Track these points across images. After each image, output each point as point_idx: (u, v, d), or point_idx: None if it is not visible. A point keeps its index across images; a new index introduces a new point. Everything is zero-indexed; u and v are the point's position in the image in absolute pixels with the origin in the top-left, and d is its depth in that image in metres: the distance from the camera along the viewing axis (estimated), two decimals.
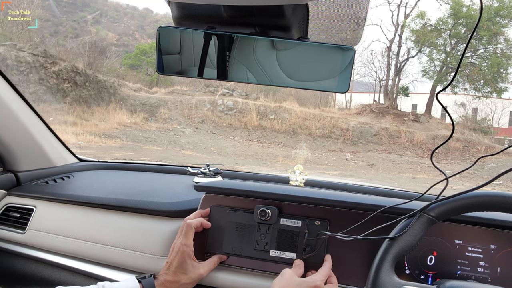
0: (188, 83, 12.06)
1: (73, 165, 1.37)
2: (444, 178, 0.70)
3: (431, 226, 0.70)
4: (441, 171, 0.71)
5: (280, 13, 0.46)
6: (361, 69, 13.24)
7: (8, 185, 1.18)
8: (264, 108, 10.51)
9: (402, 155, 8.92)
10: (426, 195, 0.83)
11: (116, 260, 0.93)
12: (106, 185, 1.22)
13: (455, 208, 0.69)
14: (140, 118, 9.84)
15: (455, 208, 0.69)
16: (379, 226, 0.74)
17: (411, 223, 0.69)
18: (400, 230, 0.70)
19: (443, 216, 0.69)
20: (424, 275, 0.80)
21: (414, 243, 0.68)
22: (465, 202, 0.68)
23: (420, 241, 0.69)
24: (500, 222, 0.79)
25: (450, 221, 0.80)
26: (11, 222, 1.11)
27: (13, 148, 1.17)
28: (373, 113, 11.06)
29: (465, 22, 11.27)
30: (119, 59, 14.32)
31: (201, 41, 0.51)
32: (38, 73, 9.09)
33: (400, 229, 0.70)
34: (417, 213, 0.70)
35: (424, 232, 0.69)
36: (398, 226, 0.71)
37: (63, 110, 9.14)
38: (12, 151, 1.18)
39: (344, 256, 0.80)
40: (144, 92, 11.40)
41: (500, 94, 10.98)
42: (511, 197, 0.66)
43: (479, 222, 0.80)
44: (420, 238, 0.69)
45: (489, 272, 0.78)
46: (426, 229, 0.69)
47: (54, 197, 1.10)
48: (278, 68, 0.51)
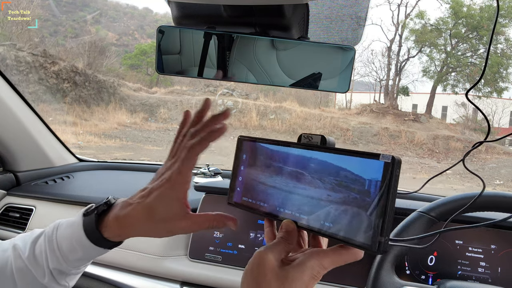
0: (188, 83, 12.06)
1: (72, 165, 1.37)
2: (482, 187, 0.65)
3: (432, 226, 0.70)
4: (478, 176, 0.66)
5: (280, 13, 0.46)
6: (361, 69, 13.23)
7: (8, 185, 1.18)
8: (264, 108, 10.51)
9: (402, 155, 8.91)
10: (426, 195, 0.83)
11: (116, 260, 0.92)
12: (106, 185, 1.22)
13: (455, 208, 0.69)
14: (140, 118, 9.84)
15: (455, 208, 0.69)
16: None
17: (411, 222, 0.69)
18: (400, 230, 0.70)
19: (443, 216, 0.69)
20: (424, 275, 0.80)
21: (414, 243, 0.68)
22: (466, 202, 0.68)
23: (420, 241, 0.69)
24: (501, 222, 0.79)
25: (451, 221, 0.79)
26: (10, 222, 1.11)
27: (12, 148, 1.17)
28: (374, 113, 11.06)
29: (465, 22, 11.26)
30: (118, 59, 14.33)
31: (201, 41, 0.50)
32: (37, 73, 9.09)
33: (400, 229, 0.70)
34: (417, 213, 0.70)
35: (424, 232, 0.69)
36: (399, 226, 0.71)
37: (62, 110, 9.14)
38: (11, 151, 1.18)
39: None
40: (144, 92, 11.39)
41: (501, 94, 10.99)
42: (511, 197, 0.66)
43: (479, 222, 0.80)
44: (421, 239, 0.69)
45: (489, 272, 0.78)
46: (426, 229, 0.69)
47: (53, 197, 1.10)
48: (278, 68, 0.51)
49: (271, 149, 0.45)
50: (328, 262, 0.38)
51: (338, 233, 0.37)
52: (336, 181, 0.38)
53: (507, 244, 0.78)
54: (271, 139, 0.46)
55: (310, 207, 0.40)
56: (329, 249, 0.39)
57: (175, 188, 0.44)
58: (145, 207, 0.45)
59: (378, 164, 0.35)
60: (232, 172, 0.48)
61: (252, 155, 0.47)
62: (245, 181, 0.47)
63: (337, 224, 0.37)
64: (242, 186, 0.47)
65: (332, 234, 0.37)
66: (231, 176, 0.48)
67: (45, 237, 0.49)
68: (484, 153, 8.49)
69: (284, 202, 0.42)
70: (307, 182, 0.40)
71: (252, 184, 0.46)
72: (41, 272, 0.47)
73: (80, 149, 6.75)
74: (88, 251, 0.47)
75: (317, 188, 0.39)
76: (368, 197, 0.35)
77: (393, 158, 0.35)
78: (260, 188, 0.45)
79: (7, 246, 0.50)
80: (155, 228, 0.45)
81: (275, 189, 0.43)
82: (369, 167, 0.36)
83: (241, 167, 0.47)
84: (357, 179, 0.36)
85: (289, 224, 0.41)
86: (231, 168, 0.49)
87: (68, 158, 1.38)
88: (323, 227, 0.38)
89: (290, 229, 0.41)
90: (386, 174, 0.34)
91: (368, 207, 0.35)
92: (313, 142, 0.44)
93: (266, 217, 0.45)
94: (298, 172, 0.42)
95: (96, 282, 0.92)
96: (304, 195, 0.41)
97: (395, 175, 0.35)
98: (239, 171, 0.48)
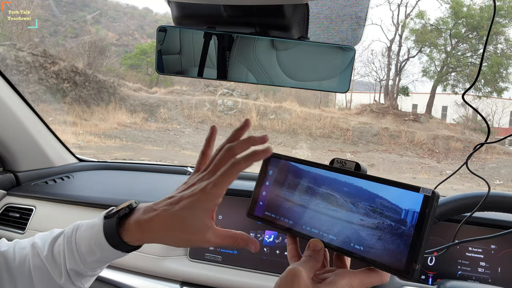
0: (188, 83, 12.06)
1: (72, 165, 1.37)
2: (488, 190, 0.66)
3: (432, 226, 0.70)
4: (483, 179, 0.68)
5: (280, 13, 0.46)
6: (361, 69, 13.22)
7: (8, 185, 1.18)
8: (264, 108, 10.50)
9: (402, 155, 8.91)
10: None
11: (116, 260, 0.92)
12: (106, 185, 1.22)
13: (455, 208, 0.69)
14: (139, 118, 9.84)
15: (455, 208, 0.69)
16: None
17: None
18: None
19: (443, 216, 0.69)
20: (424, 275, 0.80)
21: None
22: (466, 202, 0.68)
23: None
24: (501, 222, 0.79)
25: (451, 221, 0.79)
26: (10, 222, 1.11)
27: (12, 148, 1.17)
28: (374, 113, 11.06)
29: (465, 22, 11.26)
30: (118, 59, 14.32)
31: (201, 41, 0.50)
32: (37, 73, 9.09)
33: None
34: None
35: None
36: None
37: (62, 110, 9.13)
38: (11, 151, 1.17)
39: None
40: (144, 92, 11.39)
41: (501, 94, 10.99)
42: (511, 197, 0.66)
43: (479, 222, 0.80)
44: None
45: (489, 272, 0.78)
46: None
47: (53, 197, 1.10)
48: (278, 68, 0.51)
49: (301, 168, 0.46)
50: (357, 283, 0.39)
51: (369, 257, 0.38)
52: (370, 207, 0.40)
53: (507, 244, 0.78)
54: (302, 159, 0.46)
55: (340, 228, 0.41)
56: (359, 271, 0.40)
57: (207, 200, 0.43)
58: (171, 215, 0.43)
59: (418, 197, 0.37)
60: (256, 185, 0.49)
61: (280, 172, 0.47)
62: (270, 196, 0.47)
63: (369, 247, 0.39)
64: (266, 201, 0.47)
65: (364, 257, 0.39)
66: (254, 189, 0.49)
67: (64, 237, 0.49)
68: (484, 153, 8.49)
69: (312, 221, 0.43)
70: (339, 205, 0.42)
71: (277, 200, 0.46)
72: (58, 272, 0.48)
73: (80, 149, 6.75)
74: (106, 254, 0.47)
75: (349, 212, 0.41)
76: (404, 226, 0.37)
77: (433, 193, 0.37)
78: (286, 205, 0.46)
79: (25, 244, 0.50)
80: (176, 237, 0.44)
81: (302, 208, 0.44)
82: (407, 198, 0.38)
83: (266, 182, 0.48)
84: (393, 208, 0.38)
85: (317, 243, 0.42)
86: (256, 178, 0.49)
87: (68, 158, 1.38)
88: (353, 249, 0.40)
89: (318, 248, 0.42)
90: (425, 207, 0.36)
91: (403, 235, 0.37)
92: (347, 167, 0.44)
93: (290, 233, 0.46)
94: (329, 194, 0.43)
95: (96, 282, 0.91)
96: (334, 217, 0.42)
97: (434, 208, 0.36)
98: (263, 185, 0.48)
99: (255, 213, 0.48)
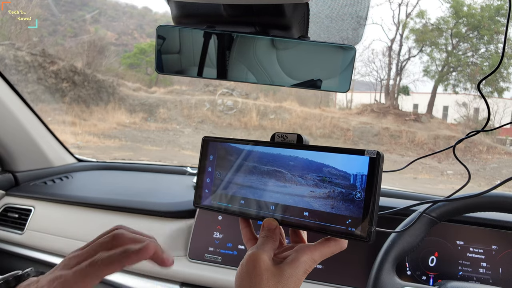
0: (188, 82, 12.05)
1: (71, 165, 1.37)
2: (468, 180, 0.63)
3: (433, 227, 0.69)
4: (465, 166, 0.64)
5: (280, 12, 0.46)
6: (362, 69, 13.20)
7: (7, 185, 1.18)
8: (264, 107, 10.50)
9: (403, 155, 8.91)
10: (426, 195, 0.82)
11: None
12: (105, 185, 1.21)
13: (456, 209, 0.69)
14: (139, 118, 9.83)
15: (456, 208, 0.69)
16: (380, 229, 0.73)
17: (412, 221, 0.69)
18: (401, 228, 0.69)
19: (444, 216, 0.69)
20: (425, 276, 0.79)
21: (415, 244, 0.68)
22: (466, 203, 0.68)
23: (421, 242, 0.69)
24: (502, 222, 0.79)
25: (452, 222, 0.79)
26: (9, 222, 1.11)
27: (11, 148, 1.17)
28: (374, 113, 11.06)
29: (466, 21, 11.26)
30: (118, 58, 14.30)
31: (200, 40, 0.50)
32: (36, 72, 9.08)
33: (401, 227, 0.70)
34: (418, 213, 0.70)
35: (425, 233, 0.69)
36: (399, 226, 0.71)
37: (61, 110, 9.13)
38: (10, 151, 1.17)
39: (345, 256, 0.79)
40: (143, 92, 11.38)
41: (502, 93, 10.98)
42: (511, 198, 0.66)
43: (480, 222, 0.79)
44: (421, 239, 0.69)
45: (490, 273, 0.77)
46: (427, 230, 0.69)
47: (52, 198, 1.10)
48: (278, 68, 0.50)
49: (242, 149, 0.44)
50: (318, 255, 0.39)
51: (326, 227, 0.38)
52: (318, 177, 0.39)
53: (508, 244, 0.78)
54: (242, 139, 0.45)
55: (291, 203, 0.40)
56: (317, 243, 0.40)
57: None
58: None
59: (364, 160, 0.37)
60: (197, 174, 0.47)
61: (221, 155, 0.46)
62: (215, 182, 0.46)
63: (323, 218, 0.38)
64: (211, 188, 0.46)
65: (320, 228, 0.39)
66: (196, 177, 0.47)
67: None
68: (485, 153, 8.49)
69: (262, 200, 0.42)
70: (287, 180, 0.41)
71: (222, 185, 0.45)
72: None
73: (79, 149, 6.74)
74: None
75: (298, 185, 0.40)
76: (355, 191, 0.37)
77: (378, 153, 0.37)
78: (233, 188, 0.44)
79: None
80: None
81: (250, 189, 0.43)
82: (354, 162, 0.38)
83: (208, 168, 0.47)
84: (342, 174, 0.38)
85: (271, 222, 0.41)
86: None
87: (67, 158, 1.37)
88: (308, 222, 0.39)
89: (273, 227, 0.41)
90: (373, 168, 0.36)
91: (355, 200, 0.37)
92: (289, 140, 0.43)
93: (241, 217, 0.45)
94: (276, 171, 0.42)
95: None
96: (284, 193, 0.41)
97: (380, 169, 0.37)
98: (206, 172, 0.47)
99: (203, 203, 0.47)
